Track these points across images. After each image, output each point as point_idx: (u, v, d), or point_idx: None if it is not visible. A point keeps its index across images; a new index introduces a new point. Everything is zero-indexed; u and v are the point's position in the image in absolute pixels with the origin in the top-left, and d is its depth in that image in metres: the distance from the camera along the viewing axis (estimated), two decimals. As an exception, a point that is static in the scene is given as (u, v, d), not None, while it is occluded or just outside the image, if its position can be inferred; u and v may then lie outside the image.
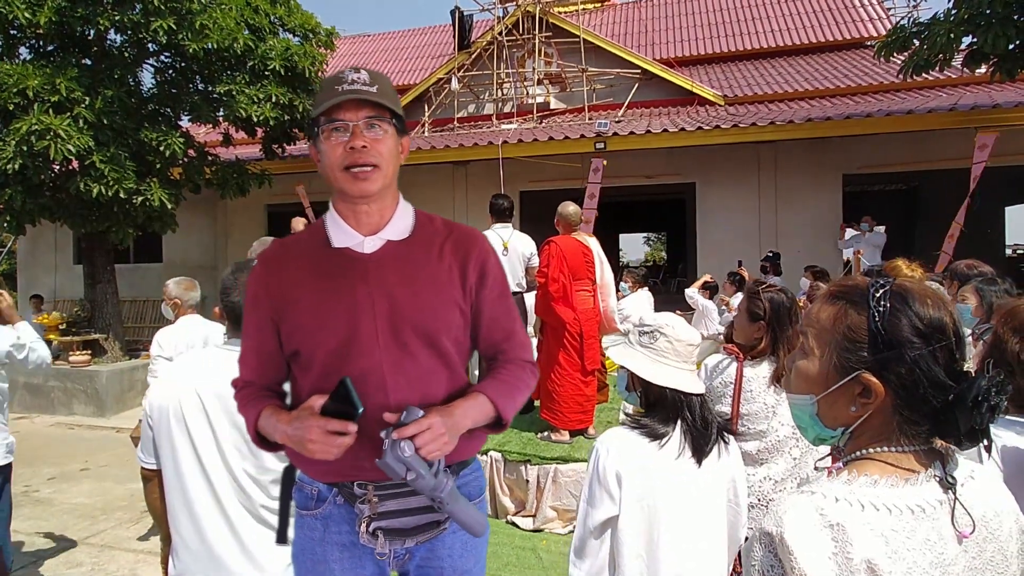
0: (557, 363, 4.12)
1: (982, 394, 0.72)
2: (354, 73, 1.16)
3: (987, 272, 2.99)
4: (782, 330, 2.10)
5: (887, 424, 0.79)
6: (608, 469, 1.46)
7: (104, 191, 5.96)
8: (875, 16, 12.04)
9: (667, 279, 15.55)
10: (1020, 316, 1.42)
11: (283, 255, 1.26)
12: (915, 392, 0.76)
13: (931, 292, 0.81)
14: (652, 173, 9.18)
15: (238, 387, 1.28)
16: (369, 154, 1.14)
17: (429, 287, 1.21)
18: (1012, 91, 7.98)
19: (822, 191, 8.59)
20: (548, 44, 11.47)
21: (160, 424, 1.69)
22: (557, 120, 11.09)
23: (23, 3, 5.83)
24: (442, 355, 1.22)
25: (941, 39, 5.38)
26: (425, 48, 15.40)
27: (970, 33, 5.42)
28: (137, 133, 6.45)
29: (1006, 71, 5.70)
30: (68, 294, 10.92)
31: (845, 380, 0.80)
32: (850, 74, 10.61)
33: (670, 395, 1.49)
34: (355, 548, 1.21)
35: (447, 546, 1.25)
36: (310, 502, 1.24)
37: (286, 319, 1.20)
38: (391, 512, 1.18)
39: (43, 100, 5.71)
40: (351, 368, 1.15)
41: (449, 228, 1.29)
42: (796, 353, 0.91)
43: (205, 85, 7.57)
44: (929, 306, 0.78)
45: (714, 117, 8.73)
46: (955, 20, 5.37)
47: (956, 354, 0.77)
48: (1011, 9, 5.06)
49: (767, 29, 12.69)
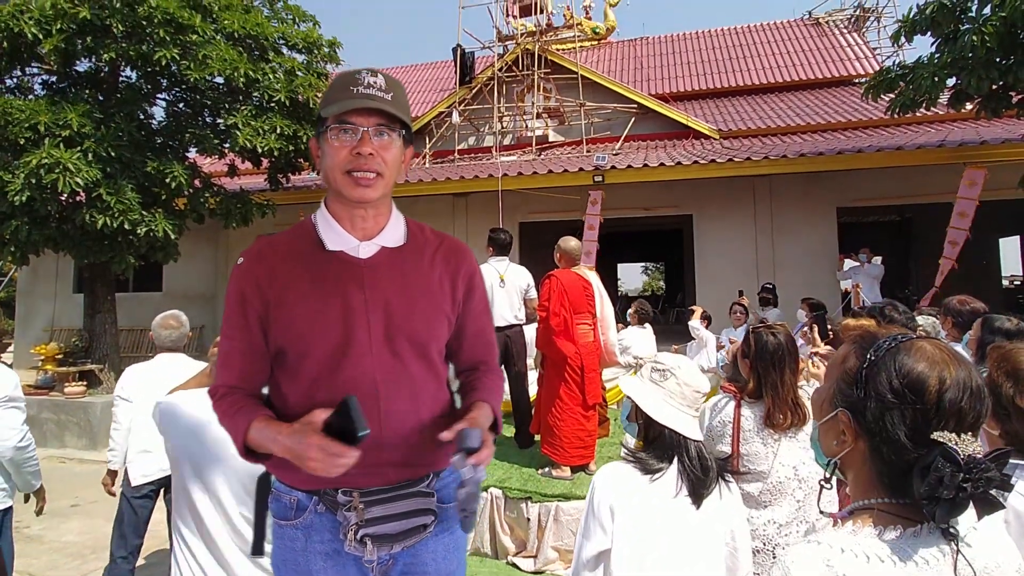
0: (558, 397, 4.11)
1: (944, 477, 0.71)
2: (371, 76, 1.13)
3: (979, 308, 3.02)
4: (764, 370, 2.09)
5: (873, 473, 0.81)
6: (602, 502, 1.48)
7: (109, 222, 6.04)
8: (862, 55, 12.40)
9: (666, 309, 15.57)
10: (1013, 360, 1.43)
11: (273, 254, 1.20)
12: (879, 445, 0.79)
13: (939, 354, 0.80)
14: (650, 205, 9.31)
15: (220, 393, 1.19)
16: (374, 161, 1.13)
17: (422, 296, 1.21)
18: (999, 127, 8.19)
19: (817, 222, 8.72)
20: (547, 80, 11.75)
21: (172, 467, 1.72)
22: (556, 152, 11.30)
23: (32, 20, 5.97)
24: (431, 365, 1.23)
25: (926, 81, 5.55)
26: (427, 83, 15.75)
27: (954, 75, 5.59)
28: (144, 165, 6.56)
29: (991, 110, 5.86)
30: (66, 323, 10.89)
31: (831, 414, 0.86)
32: (840, 110, 10.88)
33: (668, 435, 1.51)
34: (338, 556, 1.17)
35: (430, 550, 1.23)
36: (289, 512, 1.20)
37: (277, 320, 1.16)
38: (378, 518, 1.15)
39: (54, 135, 5.82)
40: (342, 375, 1.14)
41: (439, 238, 1.30)
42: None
43: (212, 117, 7.73)
44: (921, 364, 0.79)
45: (709, 151, 8.91)
46: (939, 63, 5.55)
47: (932, 420, 0.76)
48: (993, 52, 5.24)
49: (758, 67, 13.05)
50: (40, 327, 11.29)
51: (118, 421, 2.89)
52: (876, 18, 13.31)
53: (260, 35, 7.13)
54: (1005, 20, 4.88)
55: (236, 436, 1.14)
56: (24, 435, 2.47)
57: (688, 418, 1.54)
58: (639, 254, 22.45)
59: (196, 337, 10.52)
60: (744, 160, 7.72)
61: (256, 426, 1.11)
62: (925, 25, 5.53)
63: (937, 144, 7.25)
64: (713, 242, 9.06)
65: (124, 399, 2.86)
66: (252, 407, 1.16)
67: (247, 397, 1.19)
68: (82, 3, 5.92)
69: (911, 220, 11.95)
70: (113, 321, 7.93)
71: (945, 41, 5.65)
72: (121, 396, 2.88)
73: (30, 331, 11.35)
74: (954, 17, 5.45)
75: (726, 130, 10.76)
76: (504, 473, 4.10)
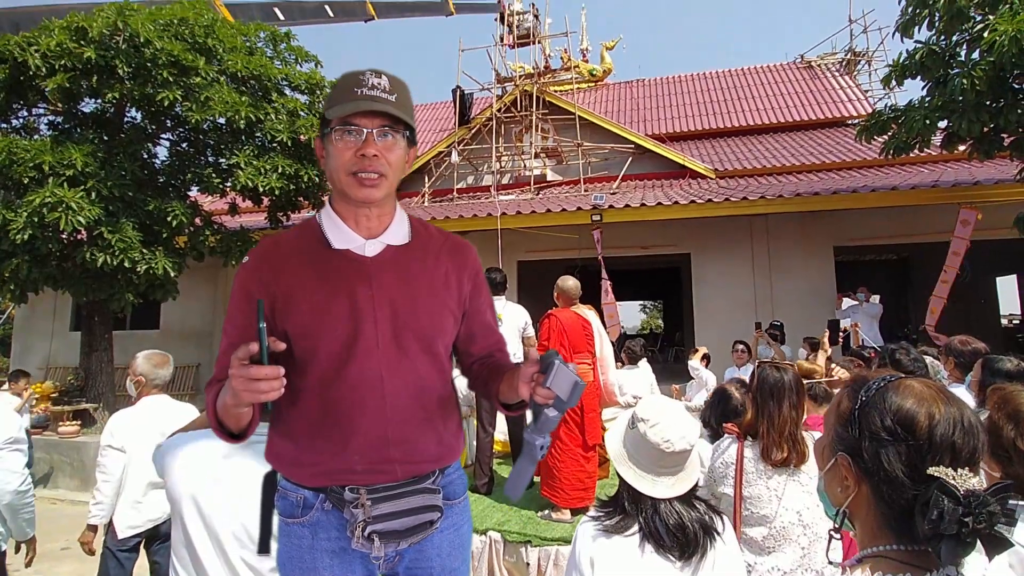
0: (558, 438, 4.05)
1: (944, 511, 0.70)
2: (375, 77, 1.14)
3: (980, 348, 3.01)
4: (764, 405, 2.06)
5: (879, 517, 0.81)
6: (583, 552, 1.44)
7: (110, 260, 6.06)
8: (854, 97, 12.70)
9: (664, 348, 15.49)
10: (1014, 402, 1.43)
11: (279, 252, 1.21)
12: (879, 486, 0.79)
13: (927, 391, 0.81)
14: (647, 243, 9.37)
15: (210, 384, 1.19)
16: (379, 163, 1.14)
17: (428, 293, 1.22)
18: (992, 168, 8.31)
19: (814, 261, 8.76)
20: (545, 120, 12.00)
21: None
22: (554, 191, 11.44)
23: (38, 53, 6.10)
24: (436, 361, 1.24)
25: (918, 124, 5.65)
26: (427, 123, 16.08)
27: (945, 118, 5.69)
28: (146, 204, 6.63)
29: (983, 152, 5.95)
30: (62, 361, 10.80)
31: (832, 461, 0.86)
32: (835, 150, 11.07)
33: (626, 490, 1.48)
34: (345, 554, 1.18)
35: (436, 546, 1.23)
36: (296, 509, 1.20)
37: (283, 319, 1.16)
38: (385, 515, 1.15)
39: (58, 174, 5.90)
40: (349, 371, 1.14)
41: (444, 236, 1.32)
42: None
43: (215, 157, 7.85)
44: (909, 400, 0.80)
45: (706, 190, 9.02)
46: (930, 106, 5.65)
47: (926, 455, 0.76)
48: (983, 96, 5.35)
49: (753, 108, 13.35)
50: (36, 365, 11.19)
51: (108, 472, 2.68)
52: (867, 61, 13.69)
53: (263, 76, 7.30)
54: (994, 65, 4.99)
55: (209, 412, 1.14)
56: (25, 479, 2.41)
57: (645, 476, 1.47)
58: (637, 292, 22.48)
59: (192, 375, 10.43)
60: (740, 200, 7.81)
61: (222, 392, 1.09)
62: (915, 70, 5.66)
63: (931, 185, 7.35)
64: (711, 280, 9.08)
65: (116, 448, 2.68)
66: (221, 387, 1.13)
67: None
68: (88, 44, 6.08)
69: (908, 259, 12.02)
70: (109, 359, 7.87)
71: (935, 85, 5.77)
72: (112, 446, 2.69)
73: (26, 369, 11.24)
74: (943, 62, 5.58)
75: (722, 170, 10.92)
76: (503, 516, 4.00)
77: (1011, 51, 4.70)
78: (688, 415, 1.58)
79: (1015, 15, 4.79)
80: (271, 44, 8.15)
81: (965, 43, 5.50)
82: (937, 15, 5.23)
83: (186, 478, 1.68)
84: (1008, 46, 4.69)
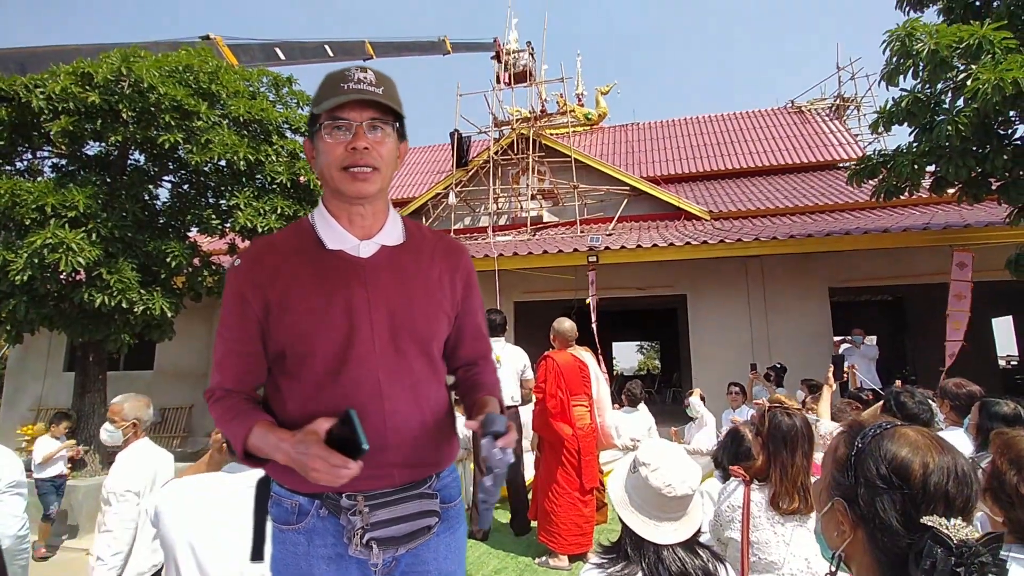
0: (555, 481, 4.00)
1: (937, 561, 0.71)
2: (361, 72, 1.13)
3: (975, 391, 3.00)
4: (776, 451, 2.05)
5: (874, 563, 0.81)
6: None
7: (107, 301, 6.06)
8: (844, 141, 13.01)
9: (662, 388, 15.37)
10: (1016, 448, 1.43)
11: (272, 254, 1.18)
12: (875, 532, 0.80)
13: (921, 439, 0.83)
14: (644, 284, 9.42)
15: (217, 396, 1.18)
16: (370, 156, 1.12)
17: (423, 294, 1.21)
18: (982, 210, 8.43)
19: (810, 302, 8.79)
20: (541, 163, 12.24)
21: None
22: (550, 233, 11.56)
23: (43, 95, 6.21)
24: (432, 363, 1.23)
25: (906, 169, 5.76)
26: (425, 164, 16.37)
27: (933, 163, 5.81)
28: (146, 245, 6.67)
29: (972, 196, 6.05)
30: (54, 402, 10.65)
31: (828, 505, 0.88)
32: (827, 192, 11.26)
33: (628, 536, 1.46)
34: (341, 560, 1.15)
35: (432, 549, 1.22)
36: (291, 516, 1.17)
37: (279, 322, 1.14)
38: (383, 521, 1.14)
39: (60, 215, 5.95)
40: (347, 375, 1.12)
41: (437, 237, 1.31)
42: None
43: (215, 198, 7.93)
44: (904, 449, 0.81)
45: (701, 232, 9.13)
46: (917, 151, 5.77)
47: (920, 504, 0.77)
48: (968, 141, 5.47)
49: (746, 151, 13.65)
50: (27, 406, 11.04)
51: (126, 519, 2.47)
52: (856, 107, 14.08)
53: (265, 119, 7.46)
54: (978, 112, 5.12)
55: (236, 441, 1.12)
56: (24, 524, 2.36)
57: (647, 521, 1.46)
58: (634, 333, 22.46)
59: (185, 417, 10.27)
60: (735, 241, 7.90)
61: (257, 432, 1.10)
62: (902, 116, 5.80)
63: (922, 227, 7.45)
64: (707, 321, 9.09)
65: (135, 493, 2.53)
66: (250, 411, 1.15)
67: (245, 400, 1.18)
68: (92, 89, 6.23)
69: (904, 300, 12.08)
70: (103, 401, 7.76)
71: (922, 131, 5.90)
72: (132, 490, 2.53)
73: (16, 410, 11.08)
74: (929, 109, 5.72)
75: (716, 211, 11.08)
76: (500, 563, 3.90)
77: (994, 99, 4.82)
78: (689, 459, 1.57)
79: (997, 64, 4.94)
80: (273, 88, 8.36)
81: (949, 91, 5.66)
82: (921, 64, 5.39)
83: (182, 524, 1.66)
84: (991, 94, 4.82)
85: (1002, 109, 5.03)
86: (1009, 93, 4.76)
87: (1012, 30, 5.38)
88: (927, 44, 5.30)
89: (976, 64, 5.11)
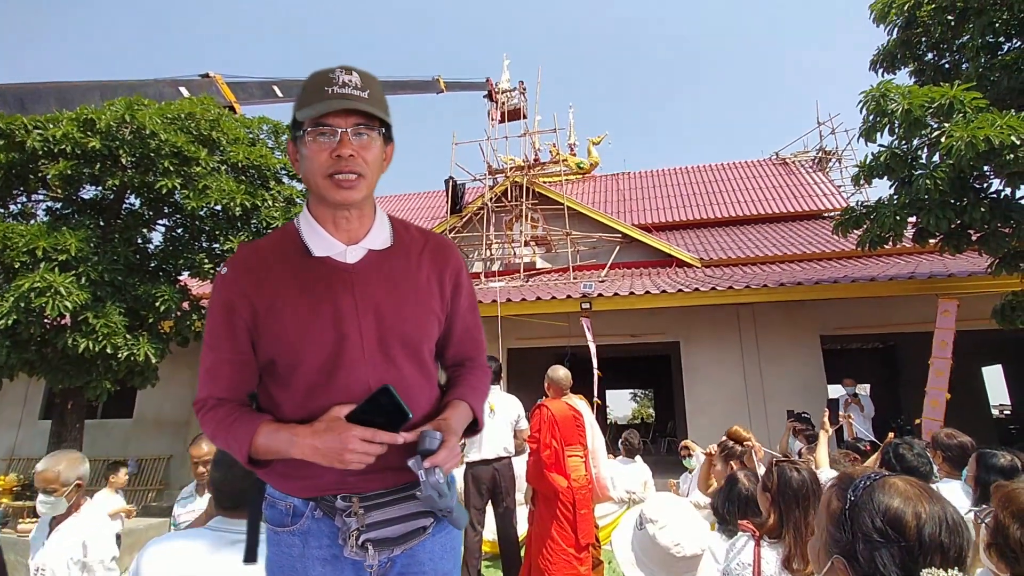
0: (550, 537, 3.86)
1: None
2: (345, 75, 1.09)
3: (966, 442, 2.98)
4: (788, 508, 1.98)
5: None
6: None
7: (92, 346, 5.94)
8: (828, 192, 13.37)
9: (656, 439, 15.13)
10: (1018, 502, 1.41)
11: (259, 262, 1.17)
12: None
13: (911, 489, 0.83)
14: (636, 332, 9.42)
15: (209, 405, 1.15)
16: (355, 163, 1.10)
17: (412, 298, 1.20)
18: (967, 260, 8.59)
19: (802, 350, 8.81)
20: (534, 210, 12.43)
21: None
22: (543, 279, 11.62)
23: (40, 138, 6.24)
24: (423, 365, 1.22)
25: (889, 220, 5.89)
26: (420, 211, 16.58)
27: (913, 214, 5.96)
28: (135, 288, 6.60)
29: (953, 246, 6.18)
30: (27, 452, 10.28)
31: (828, 564, 0.87)
32: (814, 241, 11.48)
33: None
34: (336, 562, 1.14)
35: (427, 550, 1.20)
36: (285, 518, 1.16)
37: (266, 330, 1.13)
38: (378, 523, 1.13)
39: (50, 259, 5.91)
40: (337, 381, 1.12)
41: (425, 236, 1.29)
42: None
43: (210, 243, 7.94)
44: (896, 500, 0.82)
45: (692, 279, 9.22)
46: (898, 204, 5.93)
47: (918, 557, 0.78)
48: (946, 195, 5.64)
49: (734, 201, 13.97)
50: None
51: None
52: (837, 159, 14.54)
53: (263, 165, 7.56)
54: (953, 167, 5.29)
55: (240, 445, 1.10)
56: None
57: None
58: (628, 381, 22.29)
59: (163, 468, 9.93)
60: (727, 288, 7.97)
61: (265, 431, 1.09)
62: (881, 170, 5.98)
63: (908, 276, 7.57)
64: (701, 369, 9.06)
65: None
66: (250, 415, 1.14)
67: (240, 407, 1.16)
68: (93, 134, 6.31)
69: (895, 348, 12.13)
70: (79, 451, 7.51)
71: (902, 184, 6.08)
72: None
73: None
74: (906, 164, 5.91)
75: (707, 259, 11.23)
76: (490, 629, 3.71)
77: (968, 155, 4.99)
78: (698, 515, 1.53)
79: (969, 122, 5.14)
80: (273, 135, 8.53)
81: (925, 147, 5.86)
82: (896, 123, 5.60)
83: None
84: (965, 151, 4.99)
85: (976, 164, 5.21)
86: (982, 150, 4.93)
87: (981, 90, 5.64)
88: (901, 104, 5.52)
89: (949, 122, 5.32)
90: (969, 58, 6.28)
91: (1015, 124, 4.96)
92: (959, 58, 6.56)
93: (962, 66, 6.46)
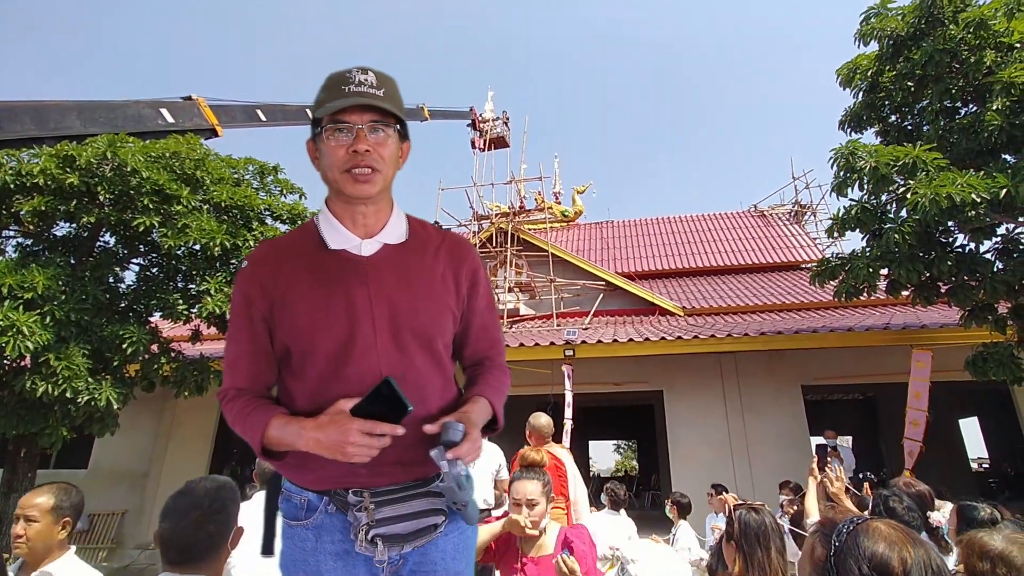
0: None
1: None
2: (362, 74, 1.15)
3: (924, 491, 2.97)
4: (751, 551, 1.96)
5: None
6: None
7: (51, 390, 5.66)
8: (804, 244, 13.71)
9: (640, 492, 14.79)
10: (979, 544, 1.51)
11: (275, 255, 1.21)
12: None
13: (894, 534, 0.83)
14: (620, 380, 9.35)
15: (230, 396, 1.18)
16: (371, 158, 1.15)
17: (426, 292, 1.21)
18: (937, 312, 8.77)
19: (784, 400, 8.79)
20: (519, 256, 12.50)
21: None
22: (527, 326, 11.57)
23: (12, 173, 6.10)
24: (437, 359, 1.22)
25: (862, 271, 6.04)
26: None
27: (885, 266, 6.12)
28: (102, 330, 6.37)
29: (923, 298, 6.33)
30: (-25, 501, 9.67)
31: None
32: (792, 291, 11.67)
33: None
34: (348, 557, 1.16)
35: (440, 549, 1.20)
36: (300, 512, 1.19)
37: (281, 321, 1.17)
38: (388, 519, 1.15)
39: (15, 296, 5.70)
40: (348, 371, 1.13)
41: (442, 235, 1.31)
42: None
43: (185, 283, 7.74)
44: (881, 545, 0.81)
45: (675, 327, 9.23)
46: (870, 256, 6.10)
47: None
48: (915, 248, 5.82)
49: (714, 251, 14.24)
50: (-56, 505, 9.97)
51: None
52: (812, 213, 14.99)
53: (247, 205, 7.47)
54: (919, 222, 5.49)
55: (253, 434, 1.13)
56: None
57: None
58: (611, 431, 21.99)
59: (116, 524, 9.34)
60: (709, 337, 7.98)
61: (276, 423, 1.12)
62: (853, 223, 6.17)
63: (883, 327, 7.68)
64: (684, 419, 8.96)
65: None
66: (266, 406, 1.16)
67: (258, 397, 1.19)
68: (73, 171, 6.22)
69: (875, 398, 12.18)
70: (29, 500, 7.05)
71: (873, 236, 6.27)
72: None
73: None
74: (876, 217, 6.11)
75: (690, 307, 11.31)
76: None
77: (932, 211, 5.19)
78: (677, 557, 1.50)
79: (931, 180, 5.36)
80: (259, 176, 8.47)
81: (893, 202, 6.08)
82: (865, 179, 5.81)
83: None
84: (929, 207, 5.20)
85: (941, 220, 5.41)
86: (945, 206, 5.14)
87: (942, 151, 5.92)
88: (868, 161, 5.76)
89: (913, 180, 5.53)
90: (929, 121, 6.60)
91: (975, 183, 5.18)
92: (920, 120, 6.89)
93: (923, 128, 6.77)
